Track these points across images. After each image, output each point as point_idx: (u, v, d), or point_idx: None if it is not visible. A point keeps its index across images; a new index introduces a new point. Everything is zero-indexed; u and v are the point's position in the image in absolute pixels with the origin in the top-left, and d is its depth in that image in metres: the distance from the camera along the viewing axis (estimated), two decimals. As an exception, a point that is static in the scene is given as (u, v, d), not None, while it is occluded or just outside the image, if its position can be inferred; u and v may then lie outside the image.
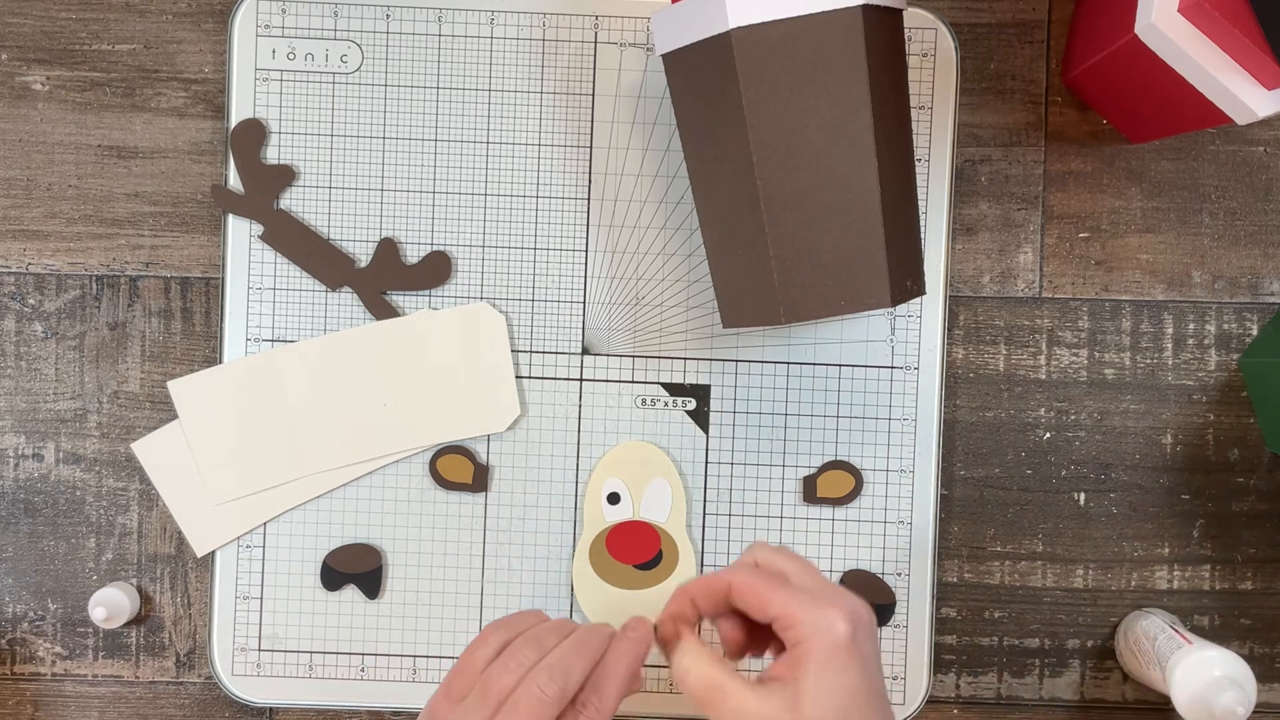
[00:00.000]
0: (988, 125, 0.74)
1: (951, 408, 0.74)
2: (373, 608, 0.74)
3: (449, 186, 0.73)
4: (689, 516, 0.73)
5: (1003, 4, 0.74)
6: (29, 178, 0.74)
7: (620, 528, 0.73)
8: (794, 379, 0.74)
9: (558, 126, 0.73)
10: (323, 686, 0.74)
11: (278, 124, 0.73)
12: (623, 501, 0.72)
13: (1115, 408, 0.75)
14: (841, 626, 0.57)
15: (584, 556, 0.73)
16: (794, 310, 0.63)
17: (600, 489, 0.72)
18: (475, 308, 0.73)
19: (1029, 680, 0.75)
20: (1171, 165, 0.75)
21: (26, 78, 0.74)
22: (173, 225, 0.74)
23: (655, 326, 0.74)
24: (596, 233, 0.73)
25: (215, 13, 0.74)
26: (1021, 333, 0.74)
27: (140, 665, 0.75)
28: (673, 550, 0.72)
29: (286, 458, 0.72)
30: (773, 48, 0.60)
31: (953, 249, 0.74)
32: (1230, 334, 0.75)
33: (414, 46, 0.73)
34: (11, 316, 0.74)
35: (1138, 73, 0.64)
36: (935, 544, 0.74)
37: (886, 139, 0.62)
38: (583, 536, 0.73)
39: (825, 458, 0.74)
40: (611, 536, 0.73)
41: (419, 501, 0.73)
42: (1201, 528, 0.75)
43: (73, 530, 0.74)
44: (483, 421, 0.73)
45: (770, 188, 0.62)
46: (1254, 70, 0.59)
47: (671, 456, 0.73)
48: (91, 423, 0.74)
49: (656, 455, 0.72)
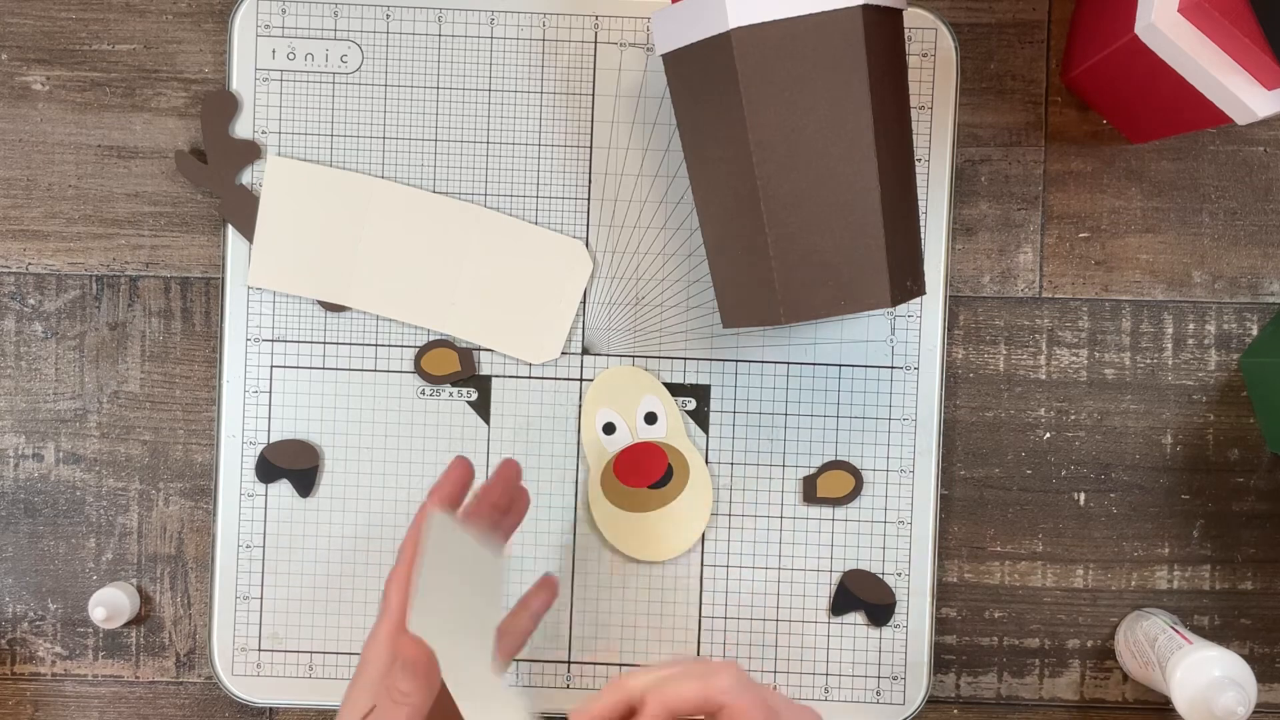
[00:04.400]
0: (988, 125, 0.74)
1: (951, 408, 0.74)
2: (373, 608, 0.74)
3: (449, 186, 0.73)
4: (687, 426, 0.73)
5: (1003, 4, 0.74)
6: (29, 178, 0.74)
7: (625, 453, 0.72)
8: (794, 379, 0.74)
9: (558, 126, 0.73)
10: (323, 686, 0.74)
11: (278, 124, 0.73)
12: (619, 429, 0.72)
13: (1115, 408, 0.75)
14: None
15: (597, 490, 0.72)
16: (794, 310, 0.63)
17: (594, 423, 0.72)
18: (572, 243, 0.73)
19: (1029, 680, 0.75)
20: (1171, 165, 0.75)
21: (26, 78, 0.74)
22: (173, 225, 0.74)
23: (655, 326, 0.74)
24: (596, 232, 0.73)
25: (215, 13, 0.74)
26: (1021, 333, 0.74)
27: (140, 665, 0.75)
28: (681, 462, 0.72)
29: (332, 280, 0.72)
30: (773, 48, 0.60)
31: (953, 249, 0.74)
32: (1230, 334, 0.75)
33: (414, 46, 0.73)
34: (11, 316, 0.74)
35: (1138, 73, 0.64)
36: (935, 544, 0.74)
37: (886, 139, 0.62)
38: (590, 471, 0.73)
39: (825, 458, 0.74)
40: (618, 464, 0.72)
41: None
42: (1201, 528, 0.75)
43: (73, 530, 0.74)
44: (525, 345, 0.73)
45: (770, 188, 0.62)
46: (1254, 70, 0.59)
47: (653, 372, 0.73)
48: (91, 423, 0.74)
49: (639, 375, 0.72)
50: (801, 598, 0.74)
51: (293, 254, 0.73)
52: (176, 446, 0.74)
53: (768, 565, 0.74)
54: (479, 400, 0.73)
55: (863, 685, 0.74)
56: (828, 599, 0.74)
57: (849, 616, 0.74)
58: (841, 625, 0.74)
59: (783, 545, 0.74)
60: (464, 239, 0.73)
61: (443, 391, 0.73)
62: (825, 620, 0.74)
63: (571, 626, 0.74)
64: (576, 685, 0.74)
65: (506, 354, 0.73)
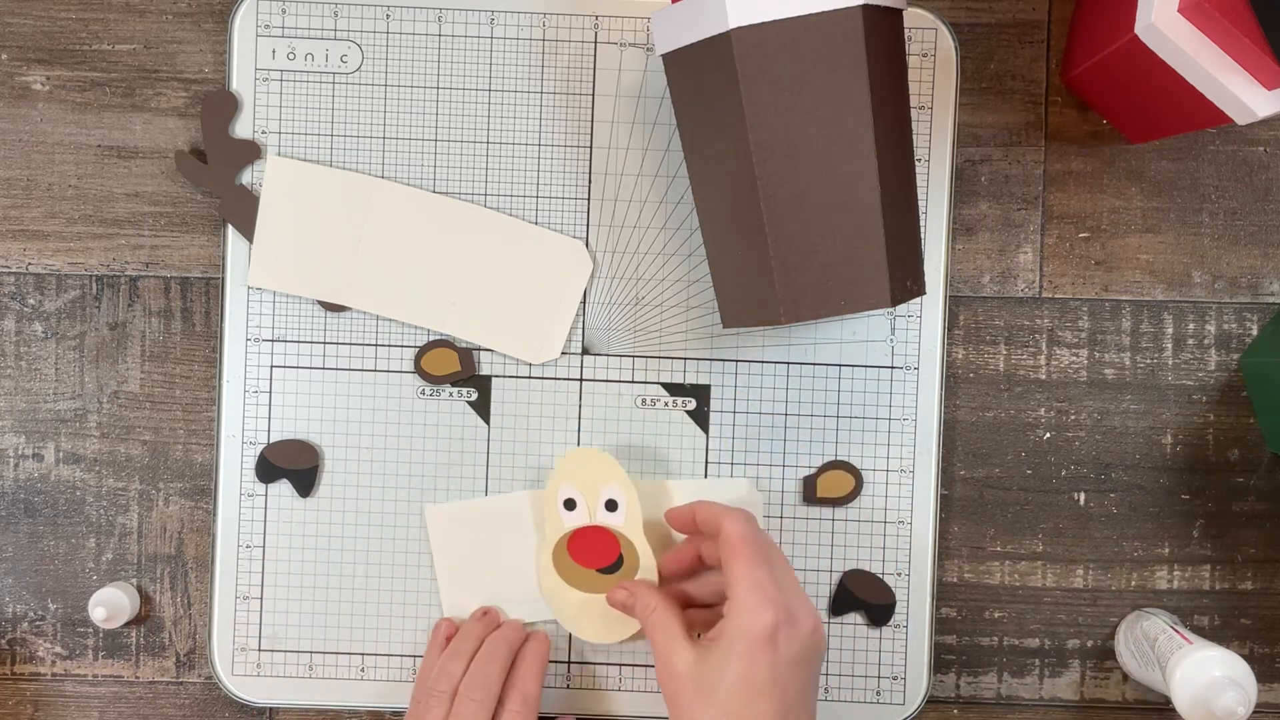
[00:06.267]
0: (988, 125, 0.74)
1: (951, 408, 0.74)
2: (373, 608, 0.74)
3: (449, 186, 0.73)
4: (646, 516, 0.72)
5: (1003, 4, 0.74)
6: (29, 178, 0.74)
7: (581, 533, 0.72)
8: (794, 379, 0.74)
9: (558, 126, 0.73)
10: (323, 686, 0.74)
11: (278, 124, 0.73)
12: (579, 508, 0.72)
13: (1115, 408, 0.75)
14: (765, 621, 0.60)
15: (547, 562, 0.72)
16: (794, 310, 0.63)
17: (556, 495, 0.72)
18: (573, 243, 0.73)
19: (1029, 680, 0.75)
20: (1171, 165, 0.75)
21: (26, 78, 0.74)
22: (173, 225, 0.74)
23: (655, 326, 0.74)
24: (596, 233, 0.73)
25: (215, 13, 0.74)
26: (1021, 333, 0.74)
27: (140, 665, 0.75)
28: (632, 553, 0.71)
29: (332, 280, 0.72)
30: (773, 48, 0.60)
31: (953, 249, 0.74)
32: (1230, 334, 0.75)
33: (414, 46, 0.73)
34: (11, 316, 0.74)
35: (1138, 73, 0.64)
36: (935, 544, 0.74)
37: (886, 139, 0.62)
38: (543, 542, 0.72)
39: (825, 458, 0.74)
40: (572, 541, 0.72)
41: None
42: (1201, 528, 0.75)
43: (73, 530, 0.74)
44: (524, 345, 0.73)
45: (770, 188, 0.62)
46: (1254, 70, 0.59)
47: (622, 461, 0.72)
48: (91, 423, 0.74)
49: (605, 463, 0.71)
50: (801, 598, 0.74)
51: (293, 254, 0.73)
52: (176, 446, 0.74)
53: (768, 565, 0.74)
54: (479, 400, 0.73)
55: (862, 685, 0.74)
56: (827, 599, 0.74)
57: (849, 616, 0.74)
58: (841, 625, 0.74)
59: (782, 545, 0.74)
60: (464, 239, 0.73)
61: (443, 391, 0.73)
62: (825, 620, 0.74)
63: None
64: (576, 685, 0.74)
65: (506, 354, 0.73)
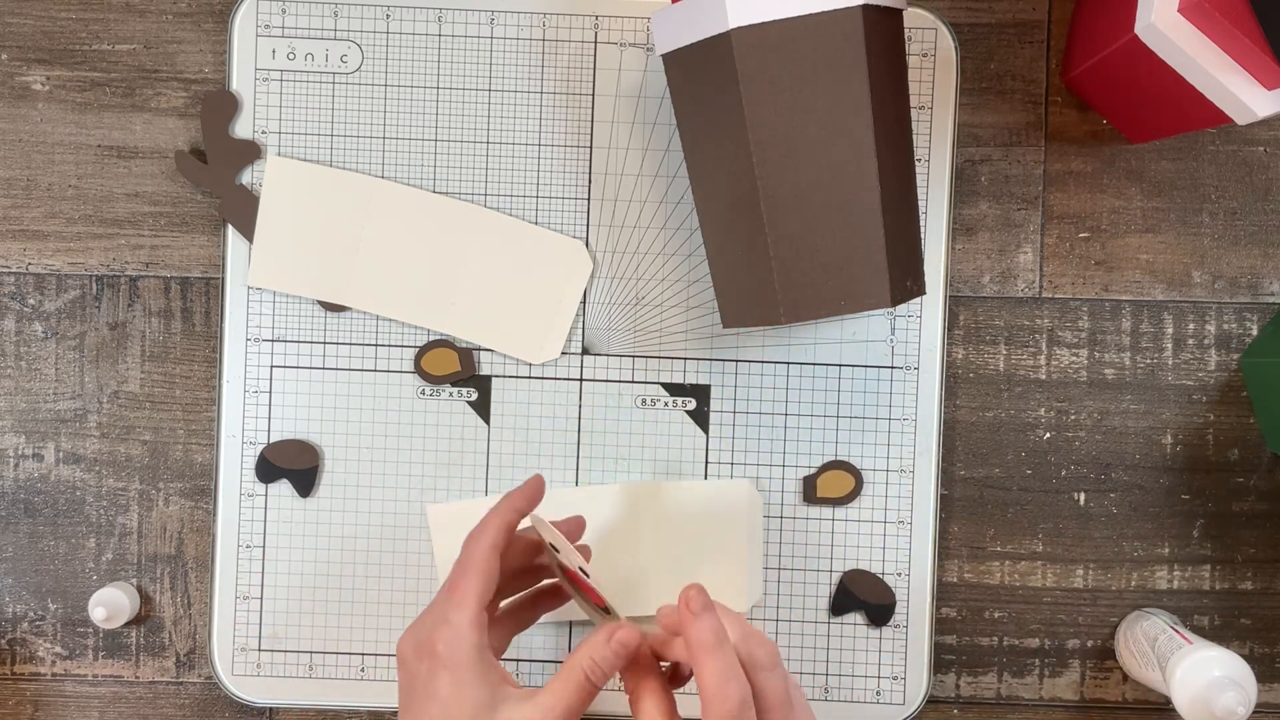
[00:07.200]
0: (988, 125, 0.74)
1: (951, 408, 0.74)
2: (373, 608, 0.74)
3: (449, 186, 0.73)
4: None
5: (1003, 4, 0.74)
6: (29, 178, 0.74)
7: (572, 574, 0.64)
8: (794, 379, 0.74)
9: (558, 126, 0.73)
10: (323, 686, 0.74)
11: (278, 124, 0.73)
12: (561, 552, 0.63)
13: (1115, 408, 0.75)
14: None
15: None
16: (794, 310, 0.63)
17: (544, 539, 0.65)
18: (573, 243, 0.73)
19: (1029, 680, 0.75)
20: (1171, 165, 0.75)
21: (26, 78, 0.74)
22: (173, 225, 0.74)
23: (655, 326, 0.74)
24: (596, 232, 0.73)
25: (215, 13, 0.74)
26: (1021, 333, 0.74)
27: (140, 665, 0.75)
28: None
29: (332, 280, 0.72)
30: (773, 48, 0.60)
31: (953, 249, 0.74)
32: (1230, 334, 0.75)
33: (414, 46, 0.73)
34: (11, 316, 0.74)
35: (1138, 73, 0.64)
36: (935, 544, 0.74)
37: (886, 139, 0.62)
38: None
39: (825, 458, 0.74)
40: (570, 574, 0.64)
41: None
42: (1201, 528, 0.75)
43: (73, 530, 0.74)
44: (524, 345, 0.73)
45: (770, 188, 0.62)
46: (1254, 70, 0.59)
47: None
48: (91, 423, 0.74)
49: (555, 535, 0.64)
50: (801, 598, 0.74)
51: (293, 254, 0.73)
52: (176, 446, 0.74)
53: (767, 565, 0.74)
54: (479, 400, 0.73)
55: (863, 685, 0.74)
56: (828, 599, 0.74)
57: (849, 616, 0.74)
58: (841, 625, 0.74)
59: (782, 545, 0.74)
60: (464, 239, 0.73)
61: (443, 391, 0.73)
62: (825, 620, 0.74)
63: (571, 627, 0.74)
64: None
65: (506, 354, 0.73)
